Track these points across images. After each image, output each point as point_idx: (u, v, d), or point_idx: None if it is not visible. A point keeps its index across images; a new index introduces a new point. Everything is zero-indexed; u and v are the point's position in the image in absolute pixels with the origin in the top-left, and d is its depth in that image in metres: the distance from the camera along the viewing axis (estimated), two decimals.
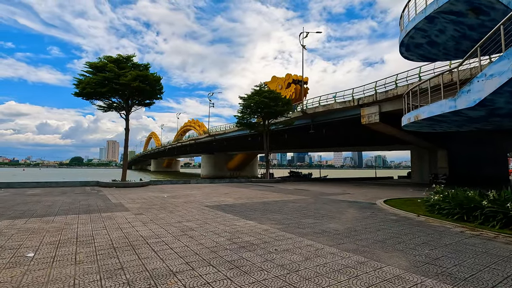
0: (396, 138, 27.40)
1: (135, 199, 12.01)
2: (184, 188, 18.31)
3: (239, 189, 18.06)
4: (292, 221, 7.38)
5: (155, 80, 19.31)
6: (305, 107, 28.67)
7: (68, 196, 13.04)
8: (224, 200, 12.14)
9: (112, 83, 17.13)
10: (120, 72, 17.47)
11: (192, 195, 14.22)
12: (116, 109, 20.93)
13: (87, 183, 19.45)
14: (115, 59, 18.42)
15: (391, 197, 13.22)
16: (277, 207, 9.99)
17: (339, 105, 24.89)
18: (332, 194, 15.13)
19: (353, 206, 10.52)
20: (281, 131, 33.51)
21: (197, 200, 11.88)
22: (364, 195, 14.58)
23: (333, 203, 11.24)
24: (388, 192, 16.48)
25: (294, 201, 11.99)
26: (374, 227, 6.70)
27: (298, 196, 13.92)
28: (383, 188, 20.77)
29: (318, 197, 13.49)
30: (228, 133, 47.60)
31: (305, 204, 10.86)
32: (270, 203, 11.10)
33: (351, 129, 29.43)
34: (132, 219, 7.54)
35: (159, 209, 9.39)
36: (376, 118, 21.77)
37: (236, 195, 14.15)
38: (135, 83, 17.36)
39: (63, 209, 9.15)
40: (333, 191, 17.18)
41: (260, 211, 9.04)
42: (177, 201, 11.66)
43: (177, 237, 5.61)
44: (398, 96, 19.93)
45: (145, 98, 20.68)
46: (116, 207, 9.75)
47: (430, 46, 11.38)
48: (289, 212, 8.96)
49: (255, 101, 25.33)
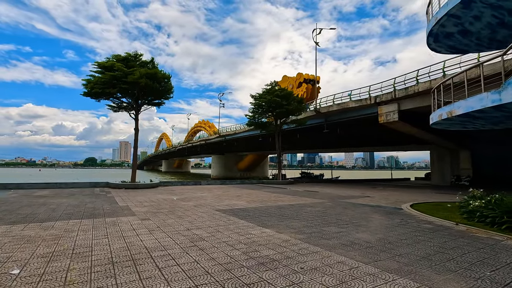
0: (414, 138, 26.12)
1: (143, 202, 11.44)
2: (195, 190, 17.72)
3: (251, 191, 17.33)
4: (314, 230, 6.58)
5: (164, 77, 18.82)
6: (318, 106, 27.71)
7: (76, 198, 12.61)
8: (236, 203, 11.43)
9: (120, 82, 16.71)
10: (128, 71, 17.04)
11: (202, 197, 13.57)
12: (126, 109, 20.58)
13: (97, 184, 19.12)
14: (124, 58, 18.04)
15: (416, 201, 12.21)
16: (294, 212, 9.19)
17: (354, 104, 23.85)
18: (351, 197, 14.19)
19: (378, 211, 9.61)
20: (293, 131, 32.63)
21: (208, 204, 11.20)
22: (386, 199, 13.59)
23: (355, 208, 10.35)
24: (410, 195, 15.40)
25: (311, 205, 11.15)
26: (410, 238, 5.83)
27: (314, 199, 13.07)
28: (403, 190, 19.62)
29: (337, 201, 12.60)
30: (238, 133, 47.01)
31: (324, 209, 10.02)
32: (286, 207, 10.31)
33: (366, 129, 28.31)
34: (137, 225, 6.91)
35: (168, 213, 8.75)
36: (395, 116, 20.65)
37: (249, 198, 13.42)
38: (142, 80, 16.89)
39: (67, 212, 8.62)
40: (351, 194, 16.23)
41: (276, 217, 8.27)
42: (187, 204, 11.02)
43: (186, 250, 4.91)
44: (419, 93, 18.82)
45: (154, 97, 20.24)
46: (122, 211, 9.17)
47: (462, 36, 10.34)
48: (308, 218, 8.15)
49: (266, 100, 24.56)
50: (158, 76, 18.57)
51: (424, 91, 18.32)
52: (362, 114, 24.17)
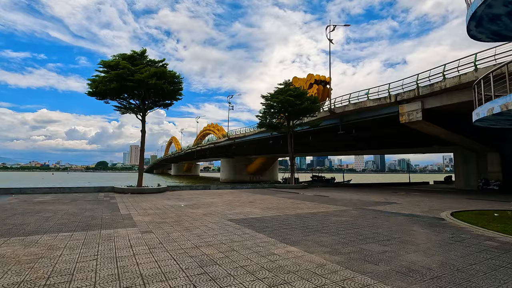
0: (437, 139, 24.43)
1: (147, 209, 10.37)
2: (204, 195, 16.62)
3: (264, 197, 16.10)
4: (351, 248, 5.31)
5: (173, 77, 17.88)
6: (332, 106, 26.32)
7: (76, 204, 11.66)
8: (251, 211, 10.23)
9: (126, 80, 15.84)
10: (135, 69, 16.16)
11: (212, 203, 12.43)
12: (133, 111, 19.75)
13: (102, 189, 18.26)
14: (129, 56, 17.18)
15: (454, 209, 10.75)
16: (319, 223, 7.93)
17: (372, 103, 22.38)
18: (375, 204, 12.80)
19: (416, 222, 8.24)
20: (305, 133, 31.26)
21: (219, 211, 10.05)
22: (417, 206, 12.14)
23: (387, 217, 9.00)
24: (442, 202, 13.87)
25: (335, 213, 9.86)
26: (481, 263, 4.50)
27: (336, 206, 11.75)
28: (429, 195, 18.03)
29: (362, 208, 11.25)
30: (248, 136, 45.88)
31: (352, 219, 8.71)
32: (307, 217, 9.04)
33: (385, 130, 26.75)
34: (136, 240, 5.79)
35: (173, 224, 7.62)
36: (418, 115, 19.11)
37: (263, 205, 12.20)
38: (152, 80, 15.97)
39: (60, 223, 7.60)
40: (374, 200, 14.81)
41: (300, 229, 7.03)
42: (196, 212, 9.88)
43: (193, 280, 3.73)
44: (446, 90, 17.28)
45: (162, 98, 19.34)
46: (122, 220, 8.09)
47: (511, 19, 8.95)
48: (338, 231, 6.88)
49: (279, 100, 23.36)
50: (167, 76, 17.65)
51: (453, 88, 16.79)
52: (381, 114, 22.66)
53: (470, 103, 17.10)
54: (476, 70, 15.34)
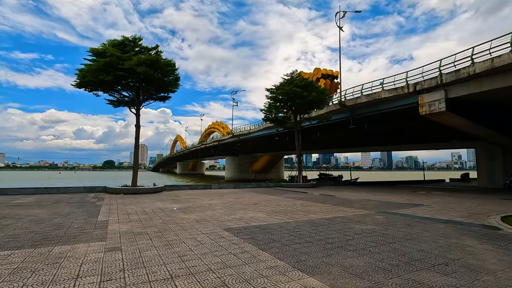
0: (458, 133, 22.36)
1: (132, 214, 8.78)
2: (203, 196, 15.02)
3: (270, 197, 14.42)
4: (400, 280, 3.58)
5: (167, 65, 16.26)
6: (343, 98, 24.43)
7: (54, 208, 10.15)
8: (254, 216, 8.55)
9: (116, 69, 14.26)
10: (124, 56, 14.57)
11: (210, 206, 10.80)
12: (127, 104, 18.23)
13: (93, 189, 16.81)
14: (120, 42, 15.58)
15: (499, 212, 8.90)
16: (340, 234, 6.21)
17: (388, 93, 20.43)
18: (400, 206, 11.00)
19: (464, 231, 6.45)
20: (312, 128, 29.45)
21: (216, 217, 8.39)
22: (450, 208, 10.31)
23: (422, 225, 7.22)
24: (476, 203, 11.99)
25: (356, 219, 8.11)
26: None
27: (355, 210, 10.00)
28: (456, 195, 16.11)
29: (386, 212, 9.47)
30: (253, 133, 44.24)
31: (380, 227, 6.96)
32: (324, 225, 7.32)
33: (400, 123, 24.75)
34: (90, 265, 4.15)
35: (154, 236, 5.98)
36: (441, 106, 17.13)
37: (269, 208, 10.52)
38: (141, 68, 14.36)
39: (13, 234, 6.04)
40: (395, 201, 13.00)
41: (317, 244, 5.32)
42: (188, 218, 8.25)
43: None
44: (475, 76, 15.28)
45: (157, 89, 17.76)
46: (93, 230, 6.49)
47: None
48: (369, 247, 5.15)
49: (285, 91, 21.57)
50: (161, 64, 16.04)
51: (483, 73, 14.80)
52: (397, 105, 20.69)
53: (503, 90, 15.15)
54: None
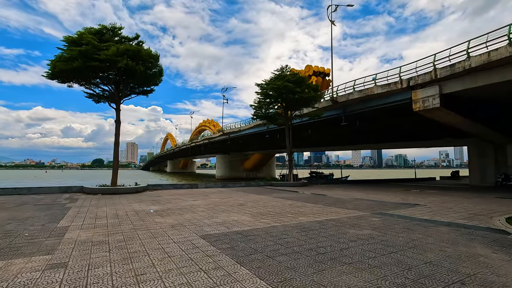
0: (452, 130, 21.97)
1: (100, 218, 7.80)
2: (187, 196, 14.08)
3: (258, 197, 13.59)
4: None
5: (150, 57, 15.19)
6: (335, 94, 23.77)
7: (16, 210, 9.06)
8: (237, 220, 7.69)
9: (91, 59, 13.12)
10: (101, 46, 13.43)
11: (192, 208, 9.89)
12: (107, 98, 17.08)
13: (69, 189, 15.66)
14: (97, 31, 14.40)
15: (502, 213, 8.30)
16: (333, 241, 5.41)
17: (381, 89, 19.85)
18: (395, 206, 10.33)
19: (471, 237, 5.75)
20: (304, 125, 28.75)
21: (195, 221, 7.50)
22: (448, 208, 9.68)
23: (423, 228, 6.50)
24: (474, 203, 11.43)
25: (350, 222, 7.35)
26: None
27: (347, 211, 9.25)
28: (450, 194, 15.61)
29: (382, 214, 8.76)
30: (243, 130, 43.33)
31: (377, 232, 6.20)
32: (314, 229, 6.53)
33: (393, 120, 24.26)
34: None
35: (115, 247, 5.05)
36: (435, 102, 16.62)
37: (255, 209, 9.68)
38: (121, 59, 13.26)
39: None
40: (389, 200, 12.35)
41: (307, 256, 4.51)
42: (163, 222, 7.33)
43: None
44: (470, 70, 14.78)
45: (140, 83, 16.67)
46: (45, 239, 5.51)
47: None
48: (367, 258, 4.36)
49: (276, 86, 20.73)
50: (143, 55, 14.96)
51: (479, 68, 14.30)
52: (390, 102, 20.13)
53: (499, 86, 14.68)
54: (510, 44, 12.83)
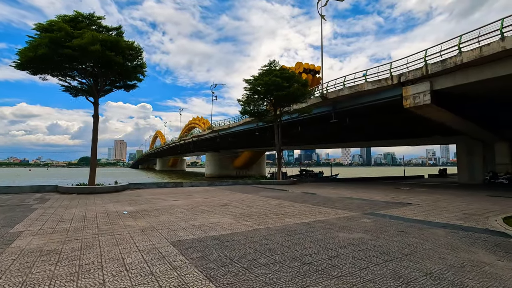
0: (441, 128, 21.83)
1: (65, 221, 6.99)
2: (169, 195, 13.30)
3: (244, 196, 12.94)
4: None
5: (130, 48, 14.27)
6: (325, 90, 23.30)
7: None
8: (217, 222, 7.01)
9: (62, 47, 12.12)
10: (75, 33, 12.44)
11: (171, 209, 9.15)
12: (85, 92, 16.06)
13: (42, 188, 14.64)
14: (72, 18, 13.37)
15: (497, 212, 7.90)
16: (320, 247, 4.81)
17: (371, 85, 19.45)
18: (387, 206, 9.85)
19: (471, 240, 5.25)
20: (293, 122, 28.23)
21: (169, 224, 6.78)
22: (441, 208, 9.26)
23: (418, 231, 5.98)
24: (466, 201, 11.08)
25: (340, 224, 6.78)
26: None
27: (337, 211, 8.71)
28: (440, 192, 15.33)
29: (373, 214, 8.24)
30: (232, 127, 42.57)
31: (369, 235, 5.64)
32: (301, 232, 5.92)
33: (383, 118, 23.99)
34: None
35: (67, 257, 4.30)
36: (426, 98, 16.30)
37: (239, 209, 9.02)
38: (95, 48, 12.30)
39: None
40: (380, 199, 11.91)
41: (289, 267, 3.87)
42: (133, 225, 6.59)
43: None
44: (461, 65, 14.48)
45: (120, 76, 15.72)
46: None
47: None
48: (359, 269, 3.77)
49: (264, 82, 20.08)
50: (122, 46, 14.01)
51: (470, 63, 14.00)
52: (380, 98, 19.77)
53: (490, 82, 14.43)
54: (503, 39, 12.54)
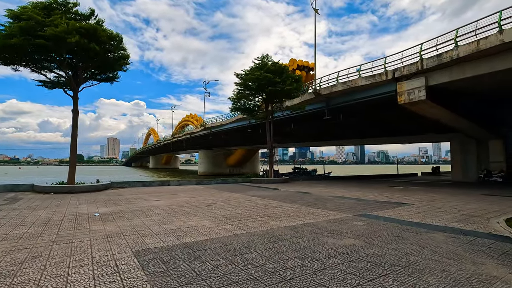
0: (435, 125, 21.45)
1: (24, 225, 6.23)
2: (153, 195, 12.57)
3: (232, 195, 12.28)
4: None
5: (110, 38, 13.41)
6: (318, 86, 22.70)
7: None
8: (195, 226, 6.34)
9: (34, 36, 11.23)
10: (47, 21, 11.55)
11: (149, 210, 8.44)
12: (64, 85, 15.17)
13: (17, 187, 13.76)
14: (45, 6, 12.42)
15: (498, 213, 7.39)
16: (306, 259, 4.18)
17: (365, 81, 18.91)
18: (381, 206, 9.30)
19: (475, 247, 4.68)
20: (286, 119, 27.64)
21: (141, 228, 6.08)
22: (437, 208, 8.73)
23: (416, 236, 5.40)
24: (463, 201, 10.60)
25: (329, 227, 6.17)
26: None
27: (328, 212, 8.11)
28: (434, 191, 14.88)
29: (366, 215, 7.65)
30: (225, 125, 41.79)
31: (361, 242, 5.03)
32: (286, 239, 5.28)
33: (377, 114, 23.55)
34: None
35: (0, 274, 3.59)
36: (421, 94, 15.81)
37: (222, 211, 8.35)
38: (71, 37, 11.43)
39: None
40: (373, 198, 11.37)
41: (266, 285, 3.23)
42: (100, 230, 5.87)
43: None
44: (458, 60, 14.00)
45: (101, 68, 14.86)
46: None
47: None
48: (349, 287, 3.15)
49: (255, 76, 19.37)
50: (101, 35, 13.13)
51: (467, 57, 13.52)
52: (374, 94, 19.25)
53: (487, 77, 13.97)
54: (501, 31, 12.06)
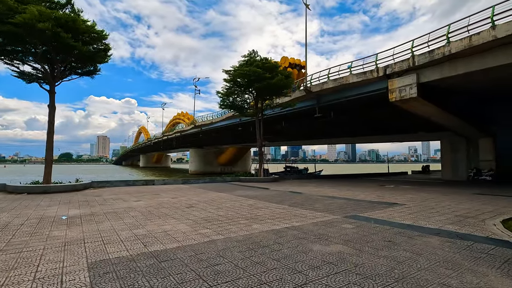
0: (426, 123, 21.27)
1: None
2: (134, 195, 11.89)
3: (217, 195, 11.71)
4: None
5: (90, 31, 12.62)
6: (309, 83, 22.27)
7: None
8: (169, 230, 5.76)
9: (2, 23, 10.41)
10: (20, 8, 10.73)
11: (124, 212, 7.80)
12: (41, 79, 14.31)
13: None
14: None
15: (492, 214, 7.04)
16: (286, 271, 3.67)
17: (356, 78, 18.56)
18: (371, 207, 8.88)
19: (474, 254, 4.25)
20: (277, 117, 27.15)
21: (108, 233, 5.46)
22: (430, 209, 8.36)
23: (409, 240, 4.95)
24: (455, 201, 10.28)
25: (316, 231, 5.68)
26: None
27: (316, 214, 7.63)
28: (426, 190, 14.62)
29: (356, 217, 7.20)
30: (215, 123, 41.08)
31: (350, 251, 4.55)
32: (267, 246, 4.76)
33: (368, 112, 23.23)
34: None
35: None
36: (413, 92, 15.52)
37: (204, 212, 7.79)
38: (44, 25, 10.64)
39: None
40: (363, 198, 10.97)
41: None
42: (60, 236, 5.23)
43: None
44: (450, 56, 13.72)
45: (81, 61, 14.06)
46: None
47: None
48: None
49: (244, 72, 18.79)
50: (80, 26, 12.35)
51: (459, 54, 13.25)
52: (366, 92, 18.91)
53: (479, 74, 13.73)
54: (494, 27, 11.79)
